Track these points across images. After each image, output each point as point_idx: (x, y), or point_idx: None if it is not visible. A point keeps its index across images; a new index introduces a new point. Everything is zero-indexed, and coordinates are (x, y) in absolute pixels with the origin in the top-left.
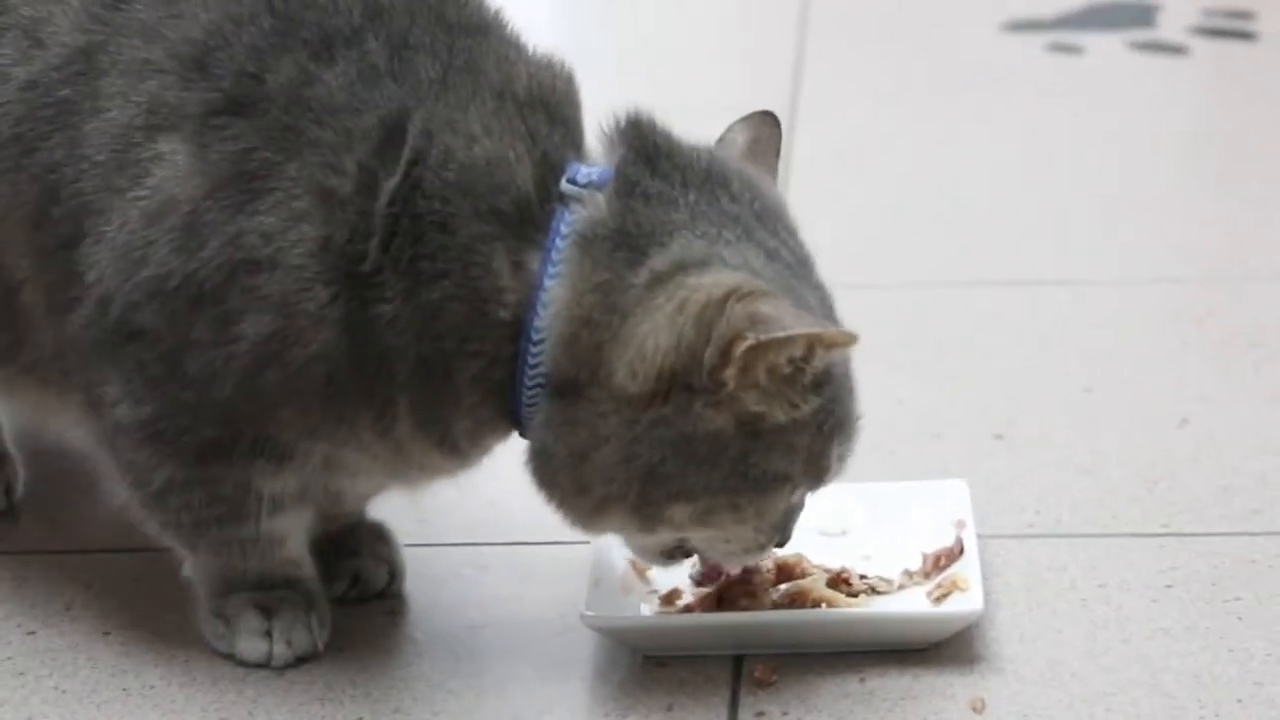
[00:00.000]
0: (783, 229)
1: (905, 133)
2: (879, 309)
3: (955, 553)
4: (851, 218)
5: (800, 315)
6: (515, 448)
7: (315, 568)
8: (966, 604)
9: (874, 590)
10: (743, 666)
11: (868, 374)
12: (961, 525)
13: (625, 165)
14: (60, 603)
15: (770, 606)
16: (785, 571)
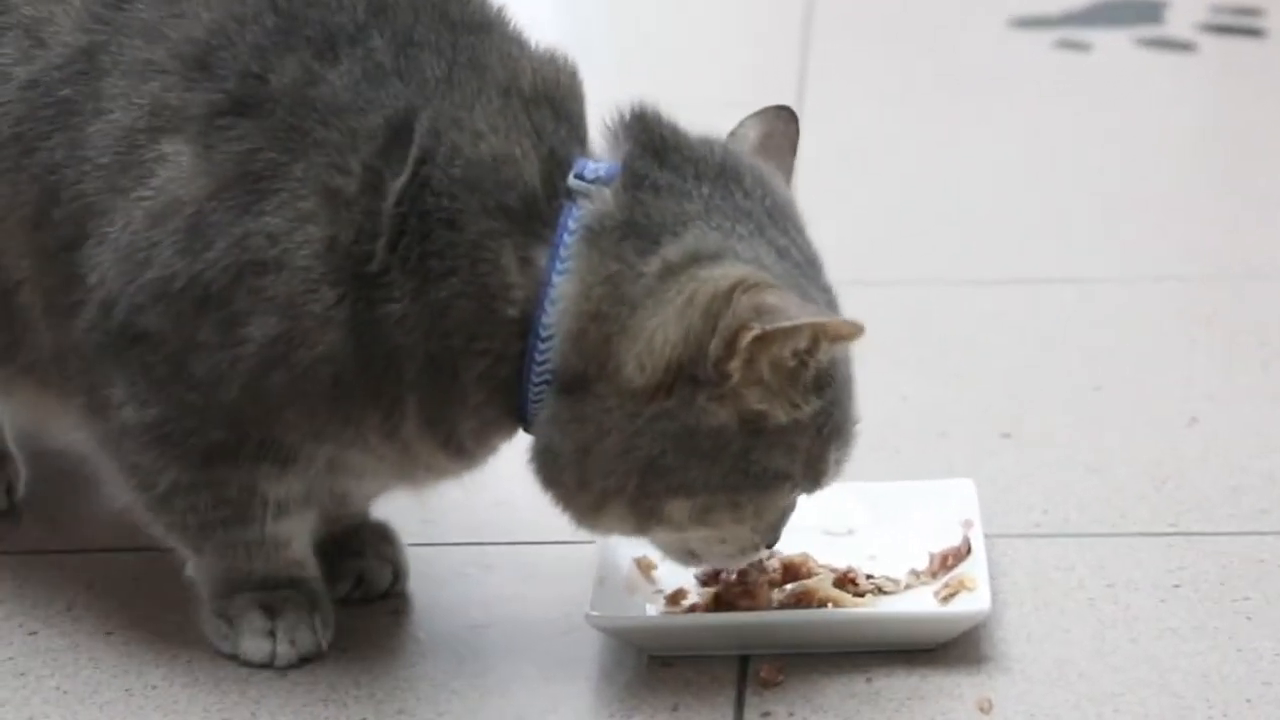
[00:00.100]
0: (793, 228)
1: (910, 129)
2: (884, 307)
3: (962, 552)
4: (857, 215)
5: (805, 306)
6: (520, 448)
7: (319, 568)
8: (973, 604)
9: (880, 590)
10: (748, 667)
11: (873, 372)
12: (968, 525)
13: (632, 159)
14: (62, 603)
15: (775, 606)
16: (791, 571)
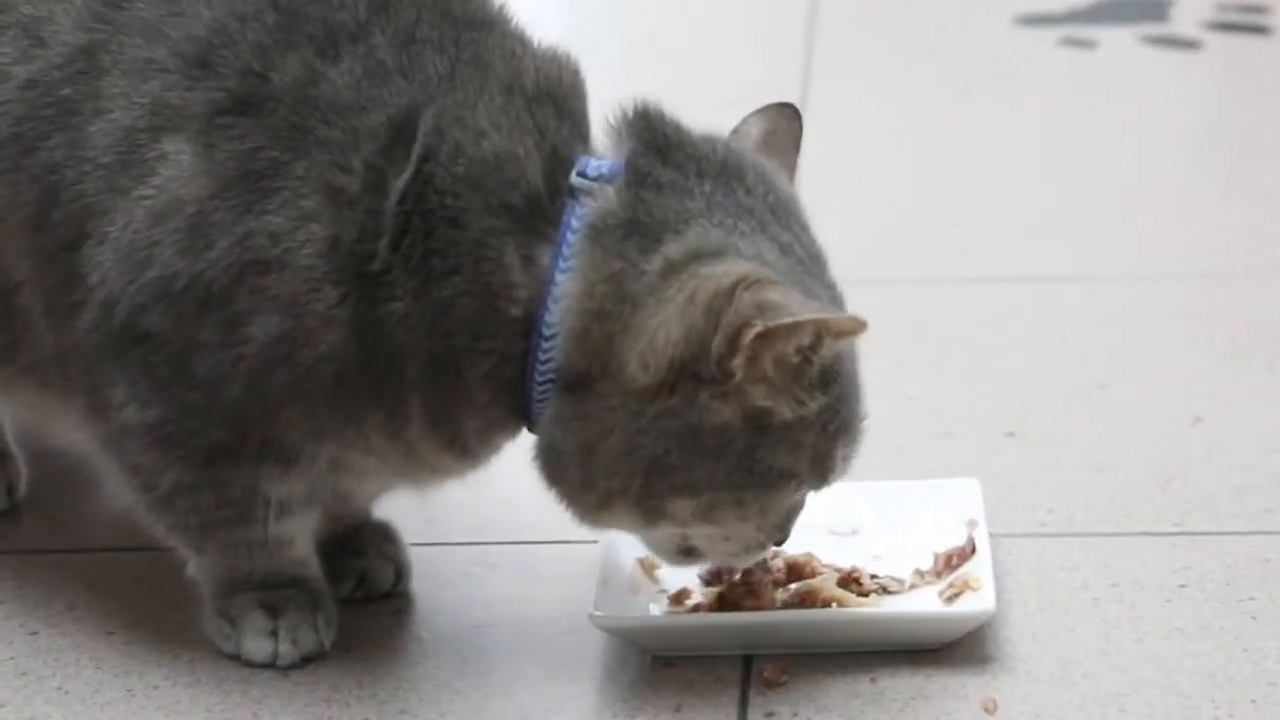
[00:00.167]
0: (796, 224)
1: (915, 127)
2: (889, 305)
3: (967, 552)
4: (862, 213)
5: (808, 302)
6: (523, 447)
7: (321, 567)
8: (978, 603)
9: (885, 590)
10: (752, 667)
11: (877, 371)
12: (973, 524)
13: (635, 157)
14: (63, 602)
15: (779, 606)
16: (795, 571)
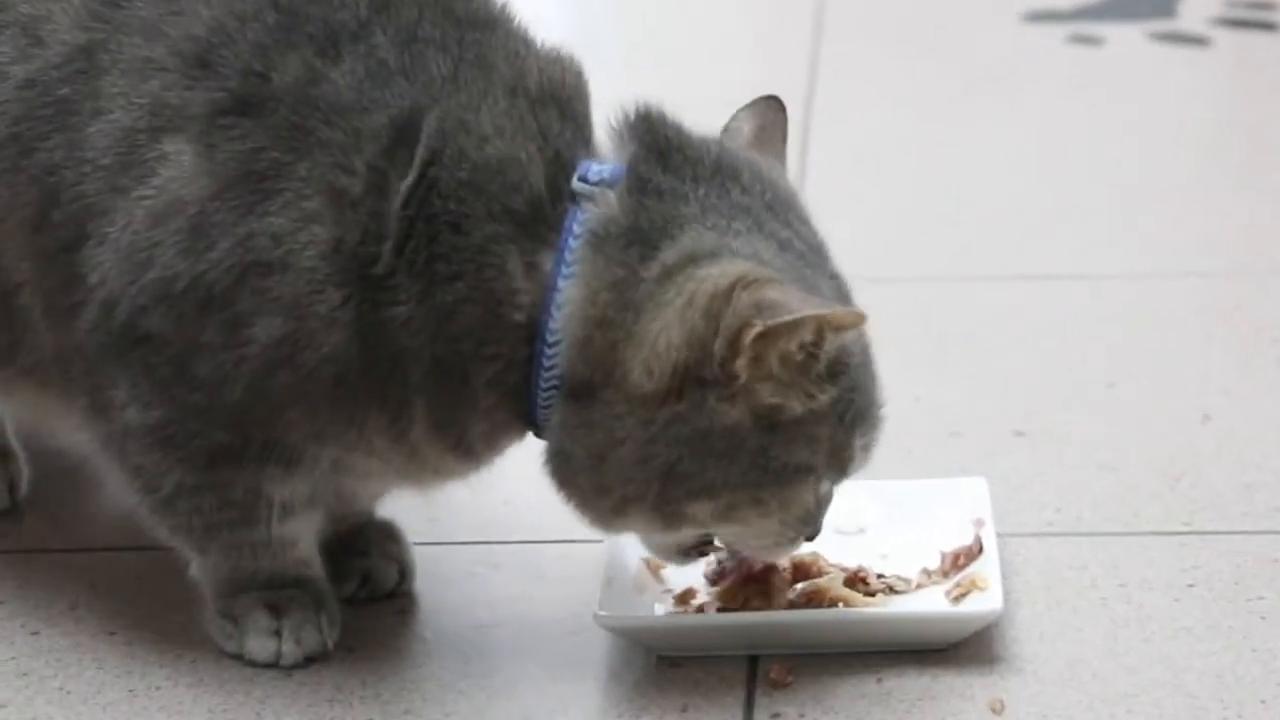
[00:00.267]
0: (795, 218)
1: (922, 125)
2: (897, 304)
3: (974, 551)
4: (869, 211)
5: (807, 299)
6: (527, 446)
7: (324, 567)
8: (985, 603)
9: (891, 589)
10: (758, 667)
11: (885, 370)
12: (980, 523)
13: (637, 162)
14: (65, 602)
15: (785, 606)
16: (802, 570)
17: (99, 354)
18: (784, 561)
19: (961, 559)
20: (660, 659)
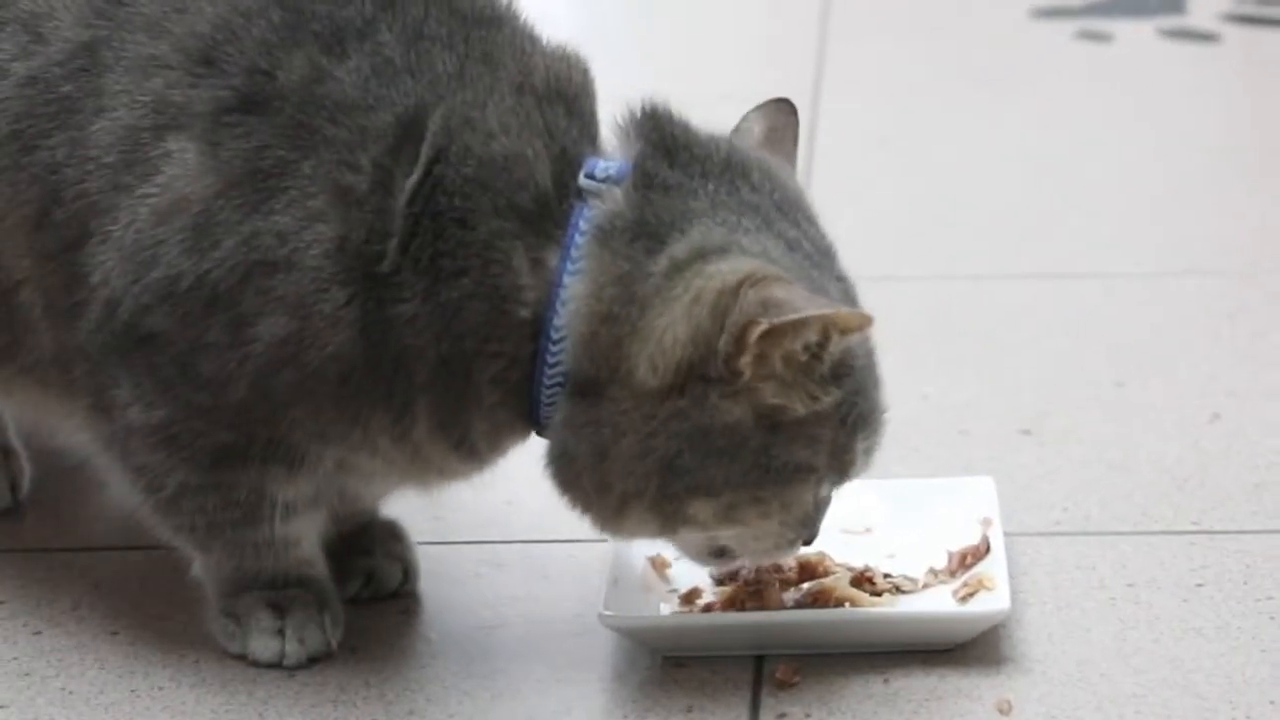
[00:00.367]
0: (803, 219)
1: (931, 122)
2: (904, 302)
3: (981, 551)
4: (875, 209)
5: (814, 298)
6: (530, 446)
7: (328, 566)
8: (993, 603)
9: (898, 589)
10: (764, 667)
11: (892, 368)
12: (988, 523)
13: (643, 158)
14: (67, 602)
15: (791, 605)
16: (808, 570)
17: (101, 353)
18: (790, 561)
19: (969, 558)
20: (666, 659)
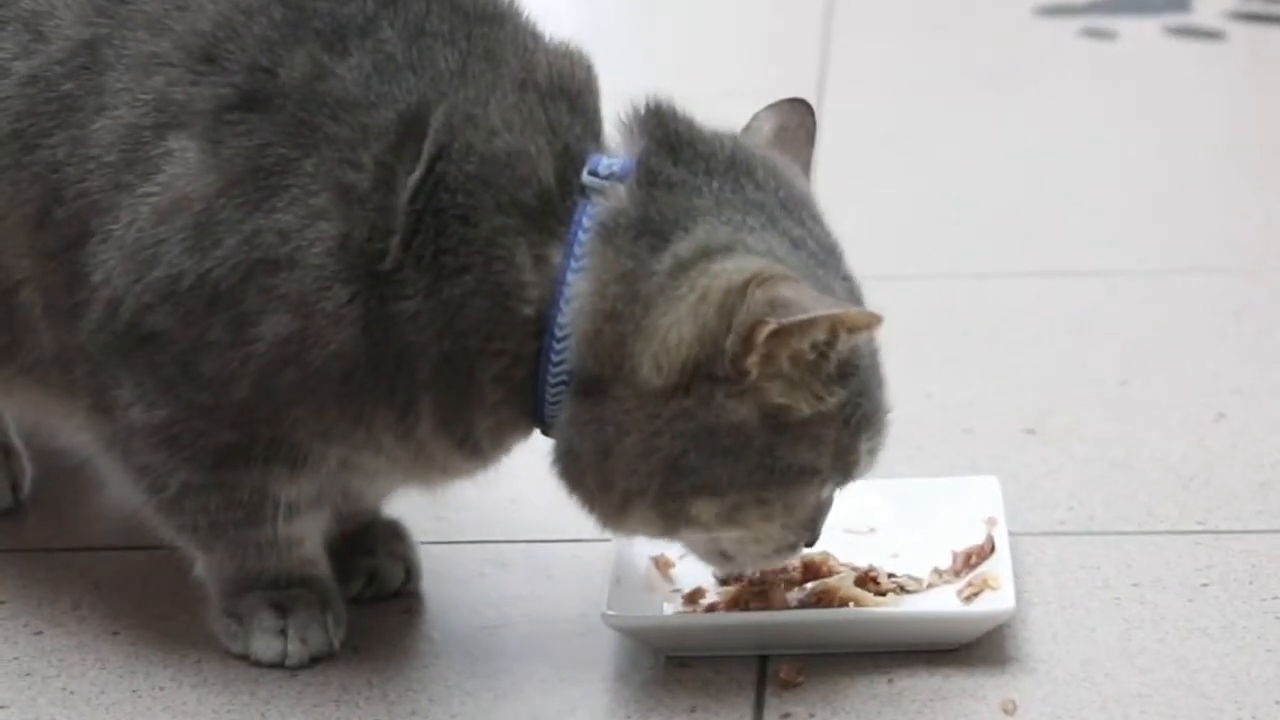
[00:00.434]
0: (809, 218)
1: (935, 121)
2: (908, 300)
3: (986, 550)
4: (879, 207)
5: (821, 298)
6: (534, 445)
7: (330, 566)
8: (997, 603)
9: (902, 589)
10: (768, 667)
11: (896, 367)
12: (992, 522)
13: (647, 155)
14: (68, 602)
15: (795, 605)
16: (812, 570)
17: (103, 353)
18: (794, 561)
19: (973, 558)
20: (669, 659)
